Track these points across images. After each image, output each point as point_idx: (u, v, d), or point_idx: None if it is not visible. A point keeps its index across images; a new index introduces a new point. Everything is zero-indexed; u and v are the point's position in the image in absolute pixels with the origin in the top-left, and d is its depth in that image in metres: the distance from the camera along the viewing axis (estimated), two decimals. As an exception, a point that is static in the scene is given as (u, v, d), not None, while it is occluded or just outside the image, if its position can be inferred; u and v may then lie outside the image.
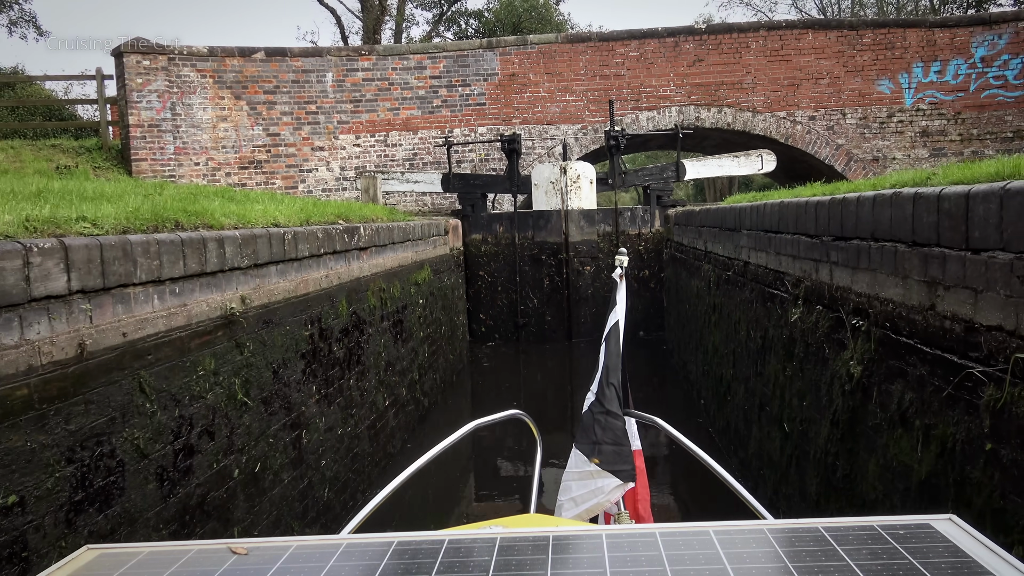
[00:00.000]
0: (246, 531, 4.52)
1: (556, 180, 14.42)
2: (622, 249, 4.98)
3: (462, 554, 1.48)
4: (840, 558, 1.36)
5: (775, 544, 1.45)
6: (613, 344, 4.12)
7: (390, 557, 1.48)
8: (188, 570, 1.46)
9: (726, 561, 1.38)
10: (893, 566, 1.33)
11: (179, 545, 1.58)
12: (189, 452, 3.97)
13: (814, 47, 17.65)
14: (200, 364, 4.14)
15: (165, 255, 3.83)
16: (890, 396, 3.51)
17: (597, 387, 3.97)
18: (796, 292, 5.03)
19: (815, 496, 4.60)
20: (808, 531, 1.49)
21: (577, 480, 3.71)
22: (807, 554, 1.39)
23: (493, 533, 1.58)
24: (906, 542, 1.42)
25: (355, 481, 6.61)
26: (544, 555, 1.46)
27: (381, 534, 1.61)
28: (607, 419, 3.79)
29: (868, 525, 1.50)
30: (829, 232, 4.35)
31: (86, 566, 1.50)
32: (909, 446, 3.29)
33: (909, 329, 3.31)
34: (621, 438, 3.76)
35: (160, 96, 16.56)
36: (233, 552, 1.53)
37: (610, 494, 3.61)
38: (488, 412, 3.70)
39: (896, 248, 3.42)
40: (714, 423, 8.18)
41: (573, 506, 3.65)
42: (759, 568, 1.36)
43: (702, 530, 1.53)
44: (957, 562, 1.33)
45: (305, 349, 5.67)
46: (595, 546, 1.48)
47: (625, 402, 4.02)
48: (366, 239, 7.38)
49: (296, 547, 1.55)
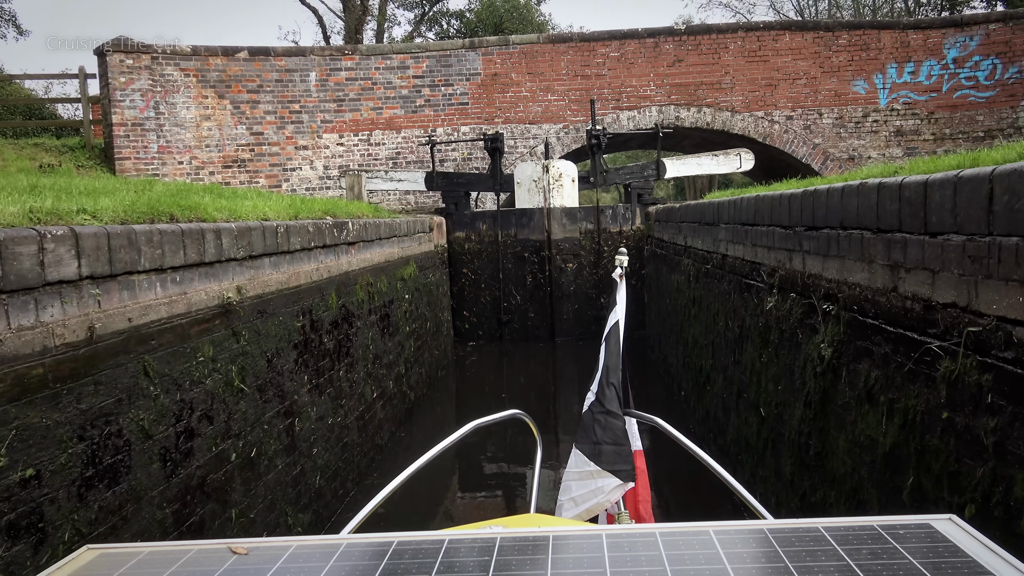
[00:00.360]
0: (243, 513, 4.67)
1: (539, 178, 14.62)
2: (622, 249, 5.00)
3: (462, 554, 1.48)
4: (840, 558, 1.37)
5: (775, 544, 1.45)
6: (613, 344, 4.12)
7: (390, 557, 1.48)
8: (188, 570, 1.46)
9: (726, 561, 1.38)
10: (893, 566, 1.33)
11: (179, 545, 1.59)
12: (190, 435, 4.12)
13: (791, 48, 17.98)
14: (199, 351, 4.29)
15: (167, 244, 3.98)
16: (858, 375, 3.72)
17: (597, 387, 3.95)
18: (771, 281, 5.25)
19: (789, 475, 4.82)
20: (808, 531, 1.49)
21: (577, 480, 3.71)
22: (807, 554, 1.39)
23: (493, 533, 1.58)
24: (906, 542, 1.42)
25: (345, 470, 6.76)
26: (544, 555, 1.46)
27: (381, 534, 1.61)
28: (607, 419, 3.79)
29: (868, 525, 1.50)
30: (802, 223, 4.57)
31: (86, 566, 1.51)
32: (875, 420, 3.51)
33: (874, 311, 3.53)
34: (621, 438, 3.76)
35: (143, 95, 16.60)
36: (233, 552, 1.53)
37: (610, 494, 3.62)
38: (473, 405, 3.82)
39: (863, 235, 3.64)
40: (694, 413, 8.40)
41: (573, 506, 3.66)
42: (759, 568, 1.36)
43: (702, 530, 1.53)
44: (957, 562, 1.33)
45: (297, 340, 5.83)
46: (595, 546, 1.48)
47: (626, 402, 4.02)
48: (354, 234, 7.54)
49: (296, 547, 1.55)
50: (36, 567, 2.90)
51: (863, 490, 3.65)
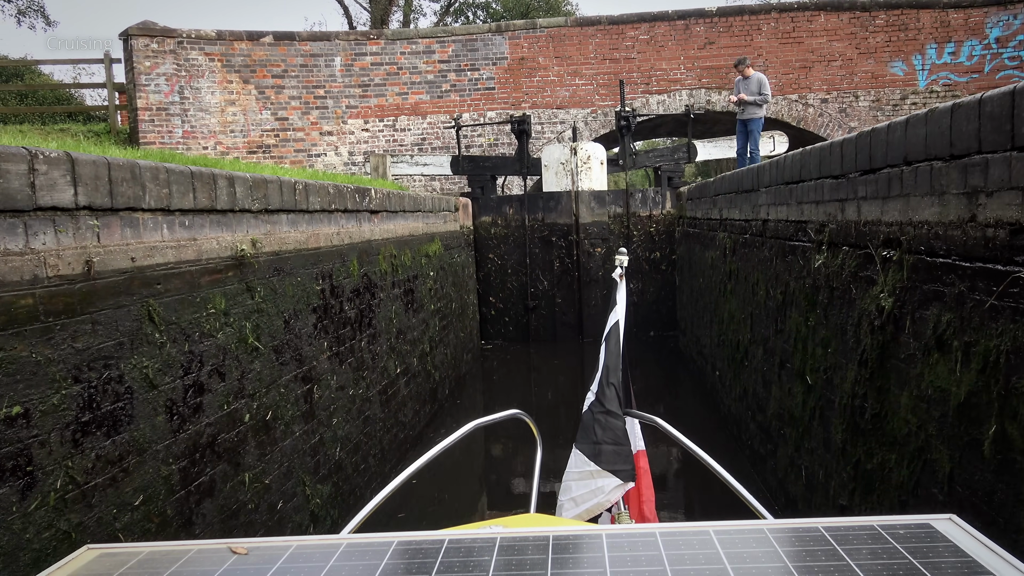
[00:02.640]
0: (257, 477, 4.42)
1: (566, 161, 14.28)
2: (622, 249, 4.98)
3: (462, 554, 1.48)
4: (840, 558, 1.36)
5: (775, 544, 1.45)
6: (613, 344, 4.11)
7: (390, 557, 1.48)
8: (188, 570, 1.47)
9: (726, 561, 1.38)
10: (893, 566, 1.32)
11: (179, 545, 1.59)
12: (199, 389, 3.87)
13: (826, 29, 17.48)
14: (210, 301, 4.04)
15: (175, 184, 3.73)
16: (924, 323, 3.38)
17: (597, 387, 3.96)
18: (820, 238, 4.90)
19: (840, 443, 4.48)
20: (808, 531, 1.49)
21: (577, 480, 3.71)
22: (807, 554, 1.39)
23: (493, 533, 1.58)
24: (906, 542, 1.41)
25: (366, 444, 6.50)
26: (544, 555, 1.46)
27: (381, 534, 1.61)
28: (607, 419, 3.79)
29: (868, 525, 1.49)
30: (856, 167, 4.22)
31: (86, 566, 1.51)
32: (947, 370, 3.17)
33: (946, 247, 3.18)
34: (621, 438, 3.77)
35: (168, 79, 16.50)
36: (233, 552, 1.53)
37: (610, 494, 3.62)
38: (502, 389, 3.66)
39: (932, 166, 3.29)
40: (730, 392, 8.05)
41: (573, 506, 3.66)
42: (759, 568, 1.36)
43: (702, 530, 1.52)
44: (957, 562, 1.33)
45: (316, 303, 5.57)
46: (595, 546, 1.48)
47: (626, 402, 4.02)
48: (377, 202, 7.28)
49: (296, 547, 1.55)
50: (24, 513, 2.65)
51: (931, 448, 3.31)
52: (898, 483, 3.67)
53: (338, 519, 5.66)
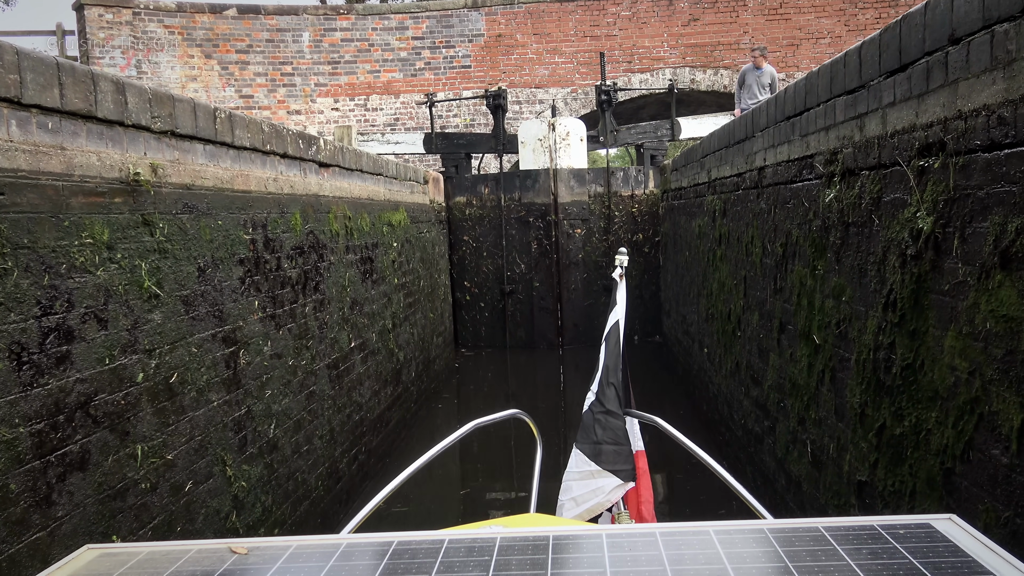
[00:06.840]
0: (155, 451, 3.62)
1: (544, 137, 13.50)
2: (622, 248, 4.93)
3: (462, 554, 1.48)
4: (840, 558, 1.35)
5: (775, 544, 1.44)
6: (613, 344, 4.10)
7: (390, 557, 1.48)
8: (188, 570, 1.46)
9: (726, 561, 1.37)
10: (893, 566, 1.31)
11: (179, 545, 1.59)
12: (67, 336, 3.07)
13: (814, 5, 16.85)
14: (86, 230, 3.25)
15: (28, 72, 2.93)
16: (980, 238, 2.65)
17: (597, 387, 3.95)
18: (830, 169, 4.17)
19: (858, 407, 3.75)
20: (808, 531, 1.48)
21: (577, 480, 3.71)
22: (807, 554, 1.38)
23: (493, 533, 1.58)
24: (906, 542, 1.40)
25: (311, 423, 5.71)
26: (544, 555, 1.45)
27: (381, 534, 1.60)
28: (607, 419, 3.79)
29: (868, 525, 1.48)
30: (881, 70, 3.49)
31: (86, 566, 1.51)
32: (1015, 292, 2.43)
33: (1015, 134, 2.45)
34: (621, 438, 3.77)
35: (124, 52, 15.60)
36: (233, 552, 1.53)
37: (610, 494, 3.62)
38: (471, 380, 3.24)
39: (993, 32, 2.56)
40: (720, 369, 7.32)
41: (574, 506, 3.66)
42: (759, 568, 1.35)
43: (702, 530, 1.51)
44: (957, 562, 1.32)
45: (245, 255, 4.78)
46: (595, 546, 1.48)
47: (626, 402, 4.01)
48: (327, 154, 6.48)
49: (296, 547, 1.55)
50: None
51: (989, 398, 2.58)
52: (939, 447, 2.94)
53: (271, 506, 4.87)
